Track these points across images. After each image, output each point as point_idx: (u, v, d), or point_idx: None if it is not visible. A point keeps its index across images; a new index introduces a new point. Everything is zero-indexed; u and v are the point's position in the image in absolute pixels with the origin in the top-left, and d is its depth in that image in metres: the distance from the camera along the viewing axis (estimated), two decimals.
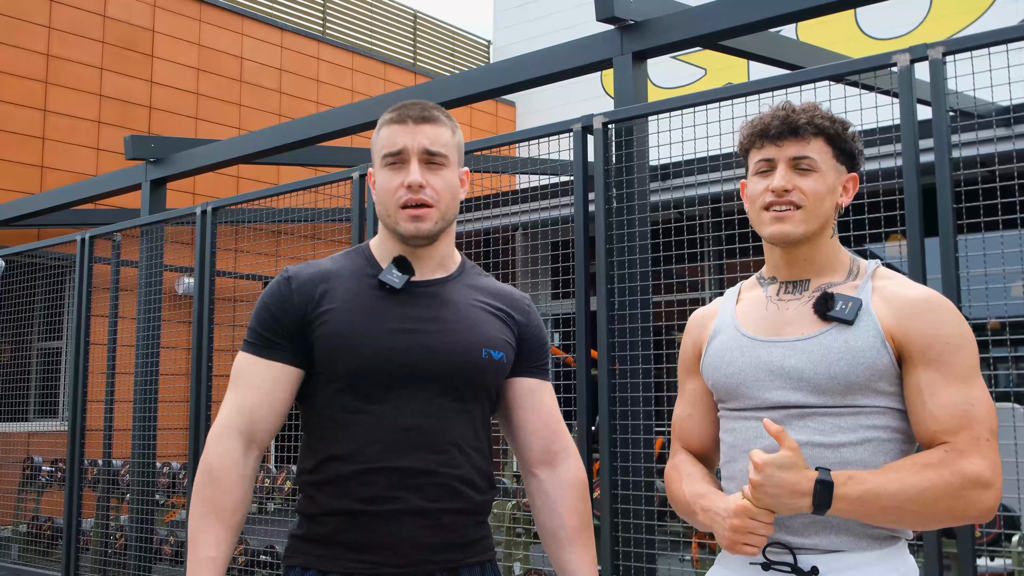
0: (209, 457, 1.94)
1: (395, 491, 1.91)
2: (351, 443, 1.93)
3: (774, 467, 1.68)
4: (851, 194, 1.93)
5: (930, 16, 10.53)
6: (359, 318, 1.95)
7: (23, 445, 8.35)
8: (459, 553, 1.98)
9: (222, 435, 1.95)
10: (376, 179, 2.04)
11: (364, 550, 1.91)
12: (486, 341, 2.02)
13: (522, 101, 14.44)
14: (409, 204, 1.96)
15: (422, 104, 2.05)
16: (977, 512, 1.71)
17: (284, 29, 12.08)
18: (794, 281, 1.94)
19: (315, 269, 2.04)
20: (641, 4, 4.50)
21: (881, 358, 1.78)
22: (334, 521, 1.93)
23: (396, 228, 1.99)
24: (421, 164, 1.98)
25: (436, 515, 1.93)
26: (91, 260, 6.78)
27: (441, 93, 5.76)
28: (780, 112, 1.89)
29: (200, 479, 1.94)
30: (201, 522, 1.90)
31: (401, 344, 1.94)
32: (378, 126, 2.06)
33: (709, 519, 1.84)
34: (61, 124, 9.91)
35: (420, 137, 1.98)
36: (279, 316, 1.98)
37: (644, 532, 3.86)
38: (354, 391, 1.94)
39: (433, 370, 1.96)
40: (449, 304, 2.03)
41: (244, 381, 1.98)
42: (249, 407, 1.95)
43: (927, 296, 1.83)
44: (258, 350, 1.99)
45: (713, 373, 1.96)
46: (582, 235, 4.15)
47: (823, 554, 1.77)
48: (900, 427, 1.82)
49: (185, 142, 7.53)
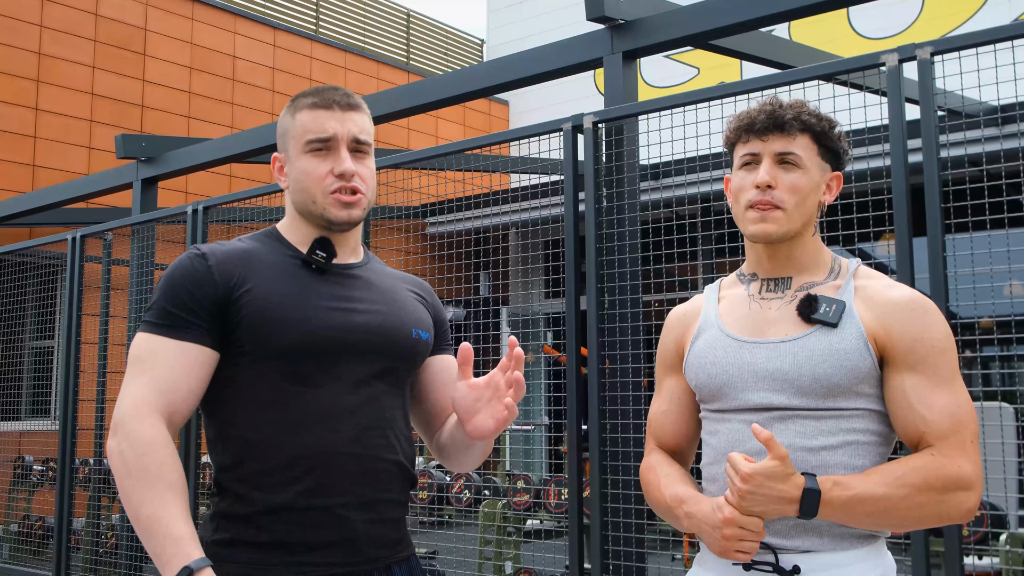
0: (144, 435, 1.71)
1: (340, 481, 1.80)
2: (287, 429, 1.80)
3: (763, 476, 1.67)
4: (834, 193, 1.93)
5: (922, 16, 10.55)
6: (289, 294, 1.86)
7: (14, 444, 8.33)
8: (402, 545, 1.94)
9: (144, 415, 1.73)
10: (294, 165, 1.95)
11: (311, 550, 1.78)
12: (415, 321, 2.00)
13: (515, 100, 14.44)
14: (340, 191, 1.91)
15: (343, 90, 1.98)
16: (959, 514, 1.73)
17: (277, 28, 12.07)
18: (776, 278, 1.93)
19: (230, 247, 1.92)
20: (631, 4, 4.51)
21: (864, 361, 1.78)
22: (271, 522, 1.78)
23: (323, 215, 1.92)
24: (349, 152, 1.93)
25: (380, 506, 1.86)
26: (82, 259, 6.77)
27: (432, 92, 5.77)
28: (767, 107, 1.89)
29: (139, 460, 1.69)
30: (158, 501, 1.67)
31: (338, 322, 1.87)
32: (295, 108, 1.97)
33: (695, 525, 1.83)
34: (53, 123, 9.89)
35: (349, 124, 1.93)
36: (195, 294, 1.82)
37: (634, 531, 3.86)
38: (287, 372, 1.82)
39: (371, 348, 1.89)
40: (373, 286, 1.99)
41: (153, 362, 1.78)
42: (164, 389, 1.76)
43: (910, 297, 1.83)
44: (169, 331, 1.80)
45: (697, 373, 1.95)
46: (572, 234, 4.15)
47: (804, 554, 1.77)
48: (879, 430, 1.83)
49: (176, 141, 7.52)
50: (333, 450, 1.81)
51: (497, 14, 14.81)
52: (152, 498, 1.67)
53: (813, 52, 5.77)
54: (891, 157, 3.34)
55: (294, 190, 1.96)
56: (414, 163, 5.11)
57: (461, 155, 5.19)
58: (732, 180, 1.94)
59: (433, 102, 5.73)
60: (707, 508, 1.79)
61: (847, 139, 1.97)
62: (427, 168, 5.51)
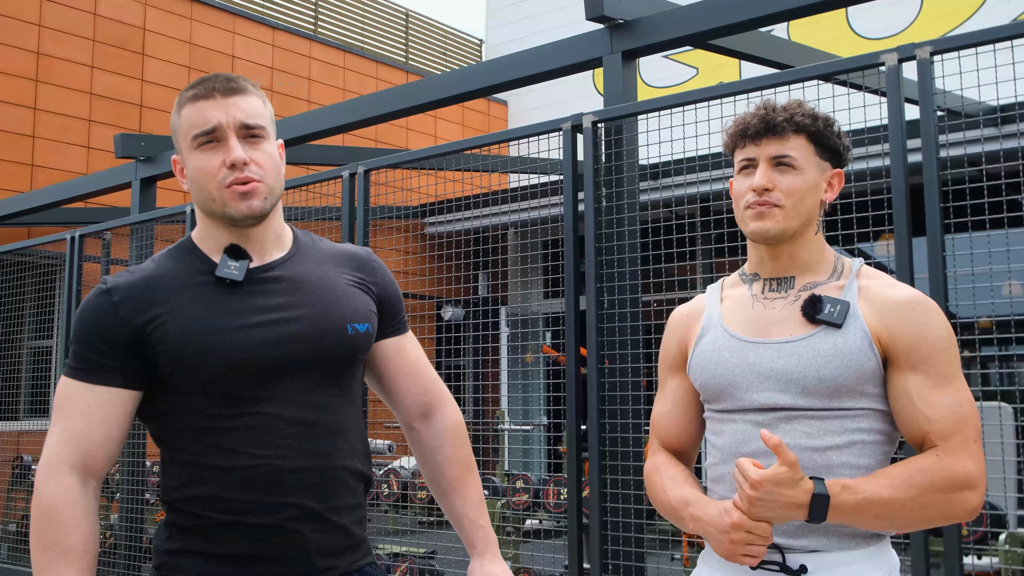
0: (44, 497, 1.72)
1: (287, 496, 1.77)
2: (231, 452, 1.76)
3: (772, 483, 1.68)
4: (836, 190, 1.94)
5: (921, 16, 10.56)
6: (203, 318, 1.77)
7: (13, 444, 8.33)
8: (355, 554, 1.90)
9: (54, 470, 1.73)
10: (188, 164, 1.85)
11: (260, 562, 1.77)
12: (349, 315, 1.89)
13: (514, 100, 14.43)
14: (235, 183, 1.79)
15: (226, 75, 1.86)
16: (964, 512, 1.74)
17: (276, 28, 12.06)
18: (778, 278, 1.94)
19: (137, 275, 1.83)
20: (630, 3, 4.51)
21: (868, 361, 1.80)
22: (221, 533, 1.76)
23: (224, 212, 1.81)
24: (239, 139, 1.81)
25: (331, 515, 1.83)
26: (81, 258, 6.77)
27: (430, 92, 5.77)
28: (760, 111, 1.91)
29: (38, 523, 1.71)
30: (47, 569, 1.68)
31: (259, 340, 1.78)
32: (178, 105, 1.87)
33: (701, 528, 1.83)
34: (52, 122, 9.88)
35: (234, 110, 1.81)
36: (104, 334, 1.76)
37: (633, 531, 3.86)
38: (221, 397, 1.77)
39: (304, 359, 1.81)
40: (300, 285, 1.88)
41: (69, 409, 1.76)
42: (77, 438, 1.74)
43: (912, 297, 1.84)
44: (81, 374, 1.77)
45: (701, 374, 1.95)
46: (571, 234, 4.16)
47: (811, 553, 1.79)
48: (883, 428, 1.84)
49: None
50: (279, 466, 1.77)
51: (496, 14, 14.81)
52: (44, 564, 1.70)
53: (812, 52, 5.78)
54: (891, 157, 3.34)
55: (193, 190, 1.86)
56: (412, 163, 5.11)
57: (459, 155, 5.19)
58: (734, 185, 1.96)
59: (431, 102, 5.73)
60: (713, 511, 1.80)
61: (847, 136, 1.97)
62: (425, 168, 5.51)
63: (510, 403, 9.99)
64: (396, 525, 6.40)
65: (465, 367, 9.86)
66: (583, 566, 4.03)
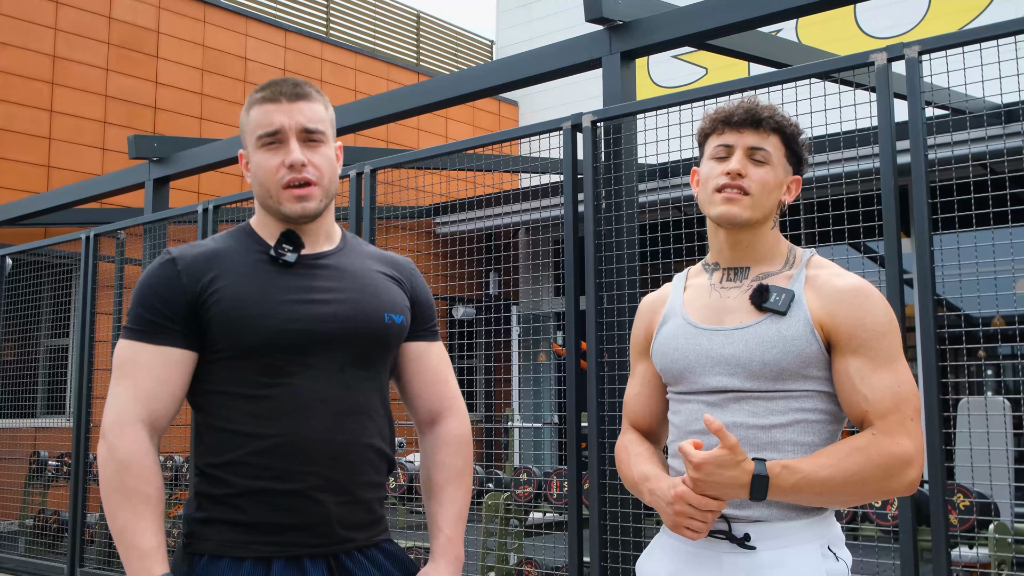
0: (120, 452, 1.83)
1: (313, 467, 1.88)
2: (264, 420, 1.88)
3: (714, 465, 1.82)
4: (793, 194, 2.07)
5: (929, 15, 10.58)
6: (255, 292, 1.91)
7: (30, 440, 8.47)
8: (375, 529, 2.00)
9: (127, 425, 1.85)
10: (252, 160, 2.00)
11: (283, 531, 1.87)
12: (388, 306, 2.03)
13: (525, 101, 14.51)
14: (292, 184, 1.94)
15: (293, 80, 2.01)
16: (902, 487, 1.86)
17: (288, 30, 12.18)
18: (735, 268, 2.06)
19: (200, 249, 1.98)
20: (629, 5, 4.58)
21: (810, 346, 1.92)
22: (247, 503, 1.87)
23: (280, 209, 1.97)
24: (300, 142, 1.96)
25: (354, 490, 1.93)
26: (96, 258, 6.88)
27: (435, 92, 5.86)
28: (745, 103, 2.03)
29: (116, 475, 1.83)
30: (131, 513, 1.80)
31: (305, 314, 1.92)
32: (247, 106, 2.02)
33: (655, 502, 1.96)
34: (67, 124, 10.02)
35: (297, 115, 1.96)
36: (167, 298, 1.90)
37: (631, 521, 3.94)
38: (261, 366, 1.89)
39: (342, 338, 1.94)
40: (345, 273, 2.03)
41: (134, 369, 1.89)
42: (147, 396, 1.87)
43: (855, 285, 1.96)
44: (146, 336, 1.90)
45: (661, 359, 2.09)
46: (571, 232, 4.23)
47: (755, 523, 1.91)
48: (828, 408, 1.96)
49: (187, 141, 7.63)
50: (307, 437, 1.89)
51: (506, 15, 14.88)
52: (126, 510, 1.81)
53: (813, 52, 5.83)
54: (880, 155, 3.41)
55: (254, 184, 2.02)
56: (416, 162, 5.20)
57: (464, 154, 5.28)
58: (701, 170, 2.08)
59: (436, 102, 5.82)
60: (664, 485, 1.94)
61: (809, 147, 2.11)
62: (431, 168, 5.60)
63: (521, 400, 10.08)
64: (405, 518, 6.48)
65: (476, 365, 9.94)
66: (583, 559, 4.10)
